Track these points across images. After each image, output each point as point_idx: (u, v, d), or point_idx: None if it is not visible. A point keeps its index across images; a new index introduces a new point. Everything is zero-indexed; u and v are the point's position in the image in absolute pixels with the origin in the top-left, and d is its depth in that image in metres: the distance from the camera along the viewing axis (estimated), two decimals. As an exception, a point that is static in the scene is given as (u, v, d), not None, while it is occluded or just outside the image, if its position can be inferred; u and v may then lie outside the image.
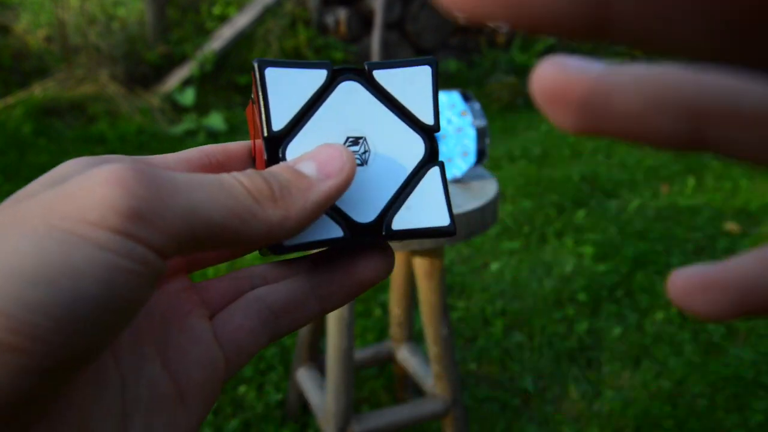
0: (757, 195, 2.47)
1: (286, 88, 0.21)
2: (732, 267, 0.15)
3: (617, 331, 1.60)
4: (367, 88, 0.22)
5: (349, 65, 0.22)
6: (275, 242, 0.21)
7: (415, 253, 0.99)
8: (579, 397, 1.40)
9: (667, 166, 2.79)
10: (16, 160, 2.61)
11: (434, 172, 0.23)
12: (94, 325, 0.16)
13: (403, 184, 0.22)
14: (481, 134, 0.91)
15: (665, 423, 1.32)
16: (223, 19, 3.89)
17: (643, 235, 2.13)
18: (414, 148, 0.23)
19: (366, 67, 0.22)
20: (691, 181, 2.60)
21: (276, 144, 0.22)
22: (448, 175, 0.95)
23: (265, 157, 0.22)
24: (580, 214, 2.29)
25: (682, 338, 1.56)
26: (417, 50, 4.01)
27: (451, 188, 0.93)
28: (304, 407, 1.30)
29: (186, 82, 3.42)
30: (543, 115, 0.13)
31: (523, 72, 4.24)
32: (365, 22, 3.83)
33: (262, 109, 0.21)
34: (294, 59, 0.22)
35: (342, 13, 3.75)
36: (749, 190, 2.52)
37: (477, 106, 0.93)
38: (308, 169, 0.20)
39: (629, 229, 2.17)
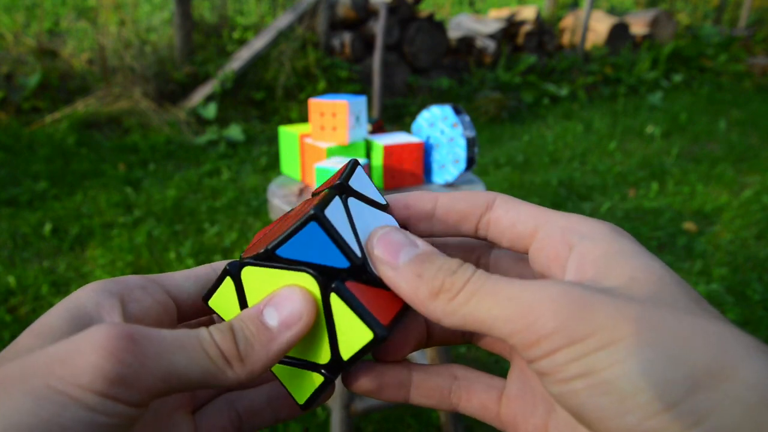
0: (711, 198, 2.48)
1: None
2: None
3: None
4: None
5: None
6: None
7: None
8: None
9: (634, 173, 2.80)
10: (61, 167, 2.62)
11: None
12: None
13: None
14: (470, 144, 0.92)
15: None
16: (241, 42, 3.89)
17: (613, 232, 2.13)
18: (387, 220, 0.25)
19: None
20: (654, 186, 2.60)
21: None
22: (441, 180, 0.95)
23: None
24: (557, 214, 2.29)
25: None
26: (413, 69, 4.01)
27: (445, 192, 0.93)
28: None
29: (209, 98, 3.43)
30: (525, 128, 0.14)
31: (507, 89, 4.24)
32: (367, 44, 3.84)
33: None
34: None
35: (347, 37, 3.76)
36: (705, 194, 2.53)
37: (467, 118, 0.94)
38: (271, 319, 0.21)
39: (600, 227, 2.17)
